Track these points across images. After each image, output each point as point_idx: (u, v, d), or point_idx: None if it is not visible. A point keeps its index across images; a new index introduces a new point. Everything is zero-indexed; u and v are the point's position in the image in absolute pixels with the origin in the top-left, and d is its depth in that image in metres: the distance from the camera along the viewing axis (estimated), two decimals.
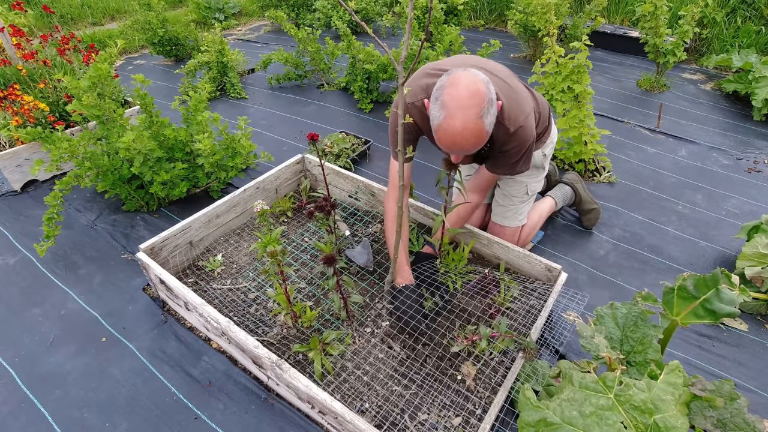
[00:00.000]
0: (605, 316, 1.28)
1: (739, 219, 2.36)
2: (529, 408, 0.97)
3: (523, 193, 1.94)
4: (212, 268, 1.93)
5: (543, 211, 2.12)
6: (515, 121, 1.51)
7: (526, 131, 1.54)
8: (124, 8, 6.13)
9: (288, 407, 1.48)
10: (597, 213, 2.25)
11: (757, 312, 1.84)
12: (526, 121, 1.54)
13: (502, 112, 1.48)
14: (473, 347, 1.54)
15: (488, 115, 1.32)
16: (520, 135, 1.53)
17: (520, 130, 1.52)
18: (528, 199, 1.97)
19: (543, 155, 1.91)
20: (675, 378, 0.95)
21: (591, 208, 2.24)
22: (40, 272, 2.02)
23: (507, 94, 1.52)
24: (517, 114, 1.52)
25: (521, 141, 1.55)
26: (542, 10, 2.91)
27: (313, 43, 3.60)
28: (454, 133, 1.32)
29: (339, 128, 3.17)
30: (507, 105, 1.49)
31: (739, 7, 4.46)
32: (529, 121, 1.55)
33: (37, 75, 2.75)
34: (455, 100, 1.30)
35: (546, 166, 1.97)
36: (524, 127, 1.53)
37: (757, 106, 3.30)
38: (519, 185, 1.93)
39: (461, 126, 1.30)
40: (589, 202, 2.24)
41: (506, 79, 1.57)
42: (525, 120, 1.53)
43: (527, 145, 1.57)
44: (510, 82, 1.58)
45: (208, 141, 2.14)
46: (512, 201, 1.95)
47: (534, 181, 1.95)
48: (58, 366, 1.62)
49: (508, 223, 1.97)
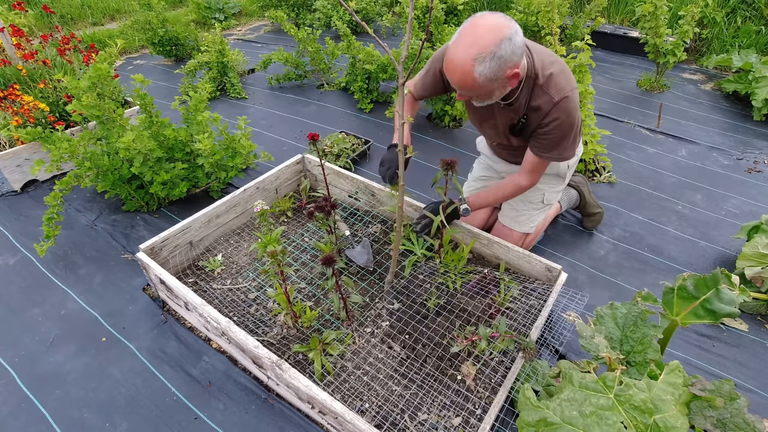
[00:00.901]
0: (605, 316, 1.28)
1: (739, 219, 2.36)
2: (529, 408, 0.97)
3: (538, 200, 1.93)
4: (212, 268, 1.93)
5: (548, 215, 2.12)
6: (561, 90, 1.45)
7: (570, 104, 1.46)
8: (124, 8, 6.13)
9: (288, 407, 1.48)
10: (600, 216, 2.25)
11: (757, 312, 1.84)
12: (573, 93, 1.47)
13: (549, 80, 1.46)
14: (473, 347, 1.54)
15: (484, 64, 1.30)
16: (564, 106, 1.46)
17: (564, 101, 1.45)
18: (543, 208, 1.96)
19: (567, 166, 1.89)
20: (675, 378, 0.95)
21: (595, 211, 2.23)
22: (40, 272, 2.02)
23: (561, 68, 1.48)
24: (564, 85, 1.46)
25: (565, 114, 1.47)
26: (545, 8, 2.91)
27: (313, 43, 3.60)
28: (449, 60, 1.36)
29: (339, 128, 3.17)
30: (556, 73, 1.46)
31: (739, 7, 4.46)
32: (575, 96, 1.48)
33: (37, 75, 2.75)
34: (467, 31, 1.32)
35: (566, 180, 1.95)
36: (570, 99, 1.46)
37: (757, 106, 3.30)
38: (536, 192, 1.92)
39: (454, 56, 1.34)
40: (593, 206, 2.23)
41: (573, 81, 1.53)
42: (572, 92, 1.47)
43: (572, 121, 1.50)
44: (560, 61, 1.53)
45: (208, 141, 2.14)
46: (526, 206, 1.94)
47: (551, 191, 1.94)
48: (58, 366, 1.62)
49: (518, 228, 1.96)
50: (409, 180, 2.62)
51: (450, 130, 3.17)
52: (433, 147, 2.98)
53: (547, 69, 1.47)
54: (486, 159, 2.12)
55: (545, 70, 1.47)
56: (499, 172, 2.07)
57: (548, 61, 1.49)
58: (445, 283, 1.80)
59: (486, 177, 2.12)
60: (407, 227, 2.02)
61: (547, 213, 2.03)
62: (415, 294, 1.78)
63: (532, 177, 1.70)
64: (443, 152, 2.93)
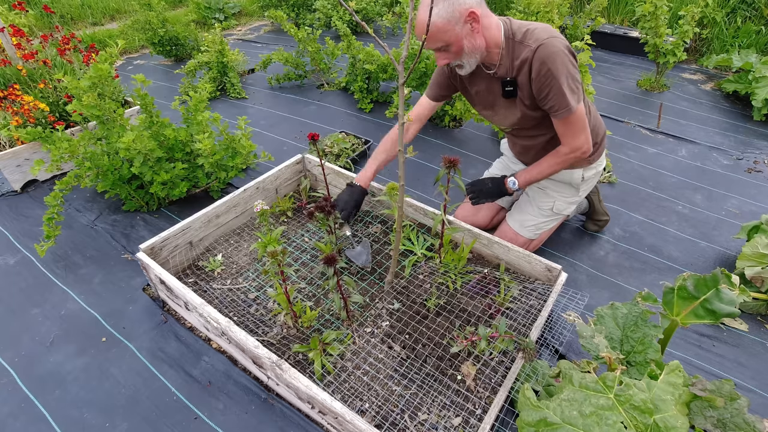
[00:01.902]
0: (605, 316, 1.28)
1: (739, 219, 2.36)
2: (529, 408, 0.97)
3: (548, 207, 1.93)
4: (212, 268, 1.93)
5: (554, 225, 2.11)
6: (537, 39, 1.50)
7: (549, 48, 1.48)
8: (124, 8, 6.13)
9: (288, 407, 1.48)
10: (605, 223, 2.24)
11: (757, 312, 1.84)
12: (550, 40, 1.48)
13: (526, 34, 1.53)
14: (473, 347, 1.54)
15: (438, 6, 1.44)
16: (543, 52, 1.48)
17: (541, 47, 1.48)
18: (552, 216, 1.95)
19: (582, 177, 1.87)
20: (675, 378, 0.95)
21: (602, 219, 2.23)
22: (40, 272, 2.02)
23: (541, 26, 1.55)
24: (540, 35, 1.50)
25: (548, 58, 1.48)
26: (545, 8, 2.91)
27: (313, 43, 3.60)
28: (416, 20, 1.51)
29: (339, 128, 3.17)
30: (533, 29, 1.53)
31: (739, 7, 4.46)
32: (555, 42, 1.49)
33: (37, 75, 2.75)
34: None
35: (581, 192, 1.93)
36: (547, 44, 1.48)
37: (757, 106, 3.30)
38: (547, 198, 1.92)
39: (417, 13, 1.49)
40: (601, 214, 2.22)
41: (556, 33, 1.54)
42: (549, 39, 1.49)
43: (557, 65, 1.48)
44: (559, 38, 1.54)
45: (208, 141, 2.14)
46: (534, 212, 1.95)
47: (563, 200, 1.93)
48: (58, 366, 1.62)
49: (523, 233, 1.96)
50: (409, 180, 2.62)
51: (450, 130, 3.17)
52: (434, 147, 2.98)
53: (525, 27, 1.55)
54: (506, 159, 2.15)
55: (522, 28, 1.55)
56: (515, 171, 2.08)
57: (527, 23, 1.56)
58: (445, 283, 1.80)
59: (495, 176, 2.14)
60: (407, 227, 2.02)
61: (555, 224, 2.03)
62: (415, 294, 1.78)
63: (571, 141, 1.66)
64: (443, 152, 2.92)
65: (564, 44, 1.51)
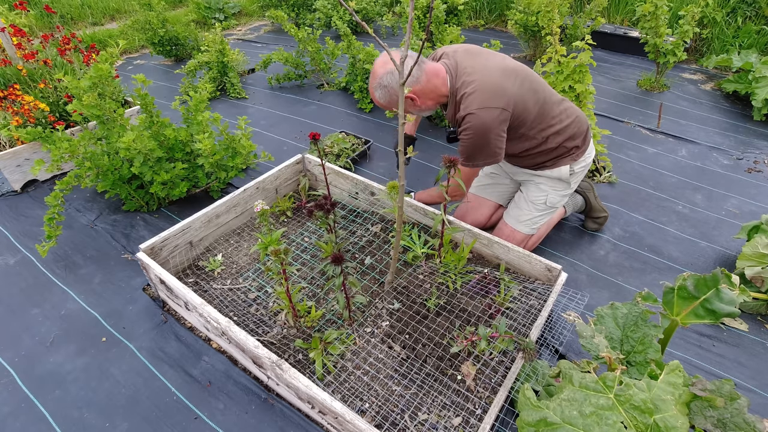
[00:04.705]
0: (605, 316, 1.28)
1: (739, 219, 2.36)
2: (529, 408, 0.97)
3: (542, 201, 1.96)
4: (212, 268, 1.93)
5: (552, 219, 2.13)
6: (468, 107, 1.64)
7: (475, 120, 1.62)
8: (124, 8, 6.13)
9: (288, 407, 1.48)
10: (604, 220, 2.25)
11: (757, 312, 1.84)
12: (482, 112, 1.61)
13: (463, 98, 1.66)
14: (473, 347, 1.54)
15: (378, 89, 1.68)
16: (470, 120, 1.64)
17: (470, 116, 1.63)
18: (546, 210, 1.98)
19: (571, 171, 1.91)
20: (675, 378, 0.95)
21: (600, 215, 2.24)
22: (40, 272, 2.02)
23: (480, 85, 1.63)
24: (473, 102, 1.63)
25: (470, 128, 1.65)
26: (546, 8, 2.91)
27: (313, 43, 3.60)
28: None
29: (339, 128, 3.17)
30: (471, 92, 1.64)
31: (739, 7, 4.46)
32: (487, 114, 1.61)
33: (38, 75, 2.75)
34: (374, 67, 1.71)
35: (572, 185, 1.97)
36: (475, 115, 1.62)
37: (757, 106, 3.30)
38: (540, 192, 1.95)
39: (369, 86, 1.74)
40: (599, 210, 2.23)
41: (493, 73, 1.66)
42: (479, 111, 1.61)
43: (479, 135, 1.65)
44: (495, 77, 1.65)
45: (209, 141, 2.14)
46: (529, 207, 1.97)
47: (555, 194, 1.96)
48: (58, 366, 1.62)
49: (520, 228, 1.98)
50: (409, 180, 2.62)
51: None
52: (433, 147, 2.98)
53: (463, 89, 1.67)
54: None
55: (462, 89, 1.67)
56: (506, 171, 2.15)
57: (468, 80, 1.66)
58: (445, 283, 1.80)
59: (495, 174, 2.19)
60: (407, 227, 2.02)
61: (550, 217, 2.05)
62: (415, 294, 1.78)
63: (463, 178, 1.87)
64: (443, 152, 2.92)
65: (489, 114, 1.62)
